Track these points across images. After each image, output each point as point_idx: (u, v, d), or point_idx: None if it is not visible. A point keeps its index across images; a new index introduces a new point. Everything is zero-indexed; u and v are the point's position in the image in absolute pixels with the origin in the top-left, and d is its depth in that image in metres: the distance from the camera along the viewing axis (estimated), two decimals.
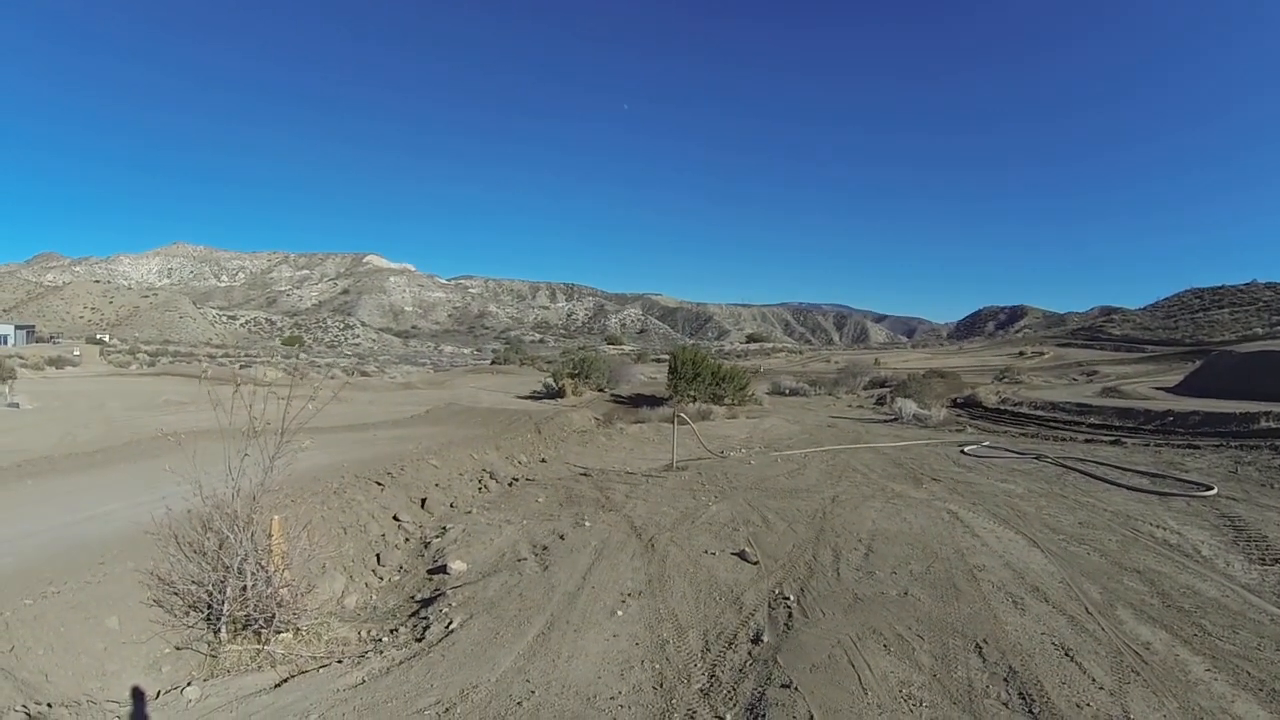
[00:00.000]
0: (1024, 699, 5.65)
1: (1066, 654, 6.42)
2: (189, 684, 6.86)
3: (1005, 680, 5.95)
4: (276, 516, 8.39)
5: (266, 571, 7.75)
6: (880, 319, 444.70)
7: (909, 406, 29.98)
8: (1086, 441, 21.05)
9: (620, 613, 7.77)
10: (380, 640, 8.04)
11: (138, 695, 6.73)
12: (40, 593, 7.67)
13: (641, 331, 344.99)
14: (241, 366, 73.22)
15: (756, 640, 6.90)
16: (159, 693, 6.83)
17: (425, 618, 8.33)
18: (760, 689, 5.92)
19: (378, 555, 11.10)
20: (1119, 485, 13.75)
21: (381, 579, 10.52)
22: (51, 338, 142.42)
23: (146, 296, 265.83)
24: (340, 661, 7.36)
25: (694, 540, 10.37)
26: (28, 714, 6.07)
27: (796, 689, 5.82)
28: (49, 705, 6.26)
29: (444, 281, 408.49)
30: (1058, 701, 5.61)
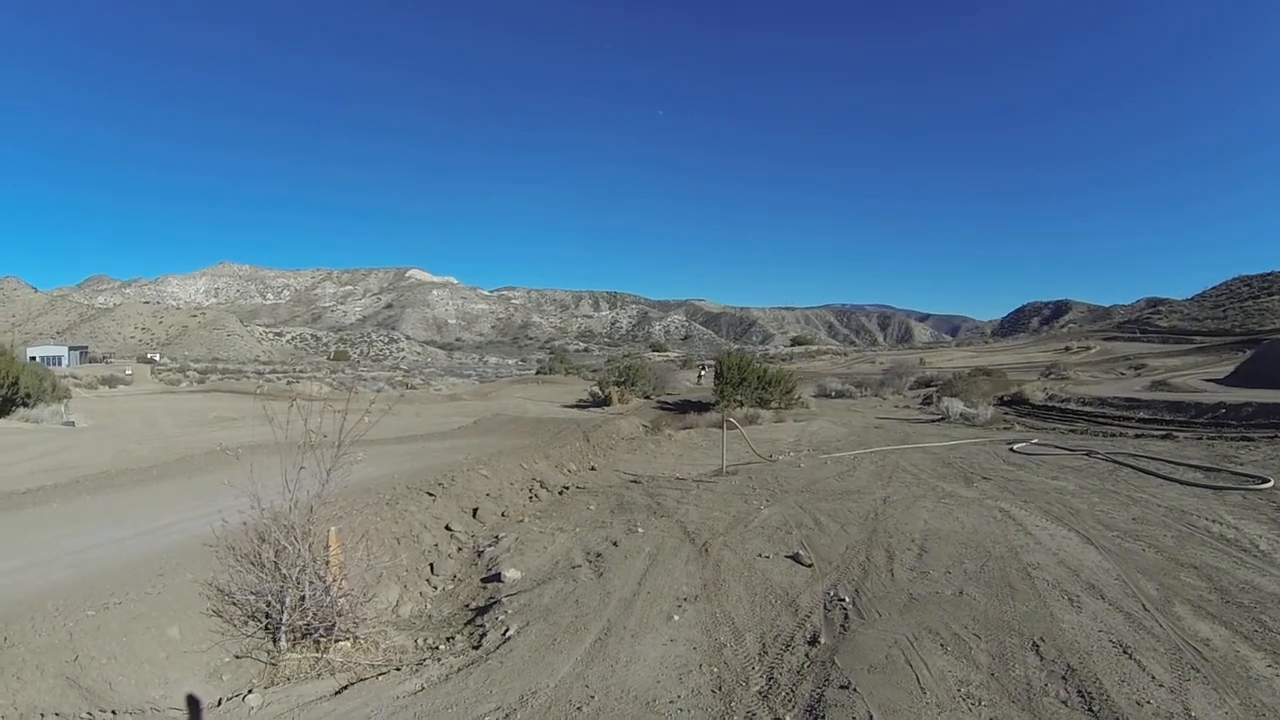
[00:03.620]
0: (1083, 697, 5.62)
1: (1124, 651, 6.37)
2: (250, 691, 6.99)
3: (1064, 678, 5.92)
4: (333, 527, 8.52)
5: (324, 581, 7.89)
6: (924, 318, 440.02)
7: (955, 405, 29.79)
8: (1137, 436, 20.87)
9: (677, 617, 7.81)
10: (437, 648, 8.12)
11: (199, 703, 6.87)
12: (102, 603, 7.85)
13: (686, 338, 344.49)
14: (289, 382, 74.09)
15: (813, 642, 6.91)
16: (220, 700, 6.97)
17: (482, 625, 8.41)
18: (819, 690, 5.93)
19: (431, 565, 11.21)
20: (1172, 480, 13.63)
21: (435, 588, 10.60)
22: (104, 358, 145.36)
23: (195, 316, 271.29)
24: (399, 669, 7.45)
25: (747, 544, 10.39)
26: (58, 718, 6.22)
27: (855, 689, 5.83)
28: (113, 713, 6.41)
29: (487, 293, 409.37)
30: (1117, 699, 5.58)
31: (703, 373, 41.21)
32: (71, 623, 7.37)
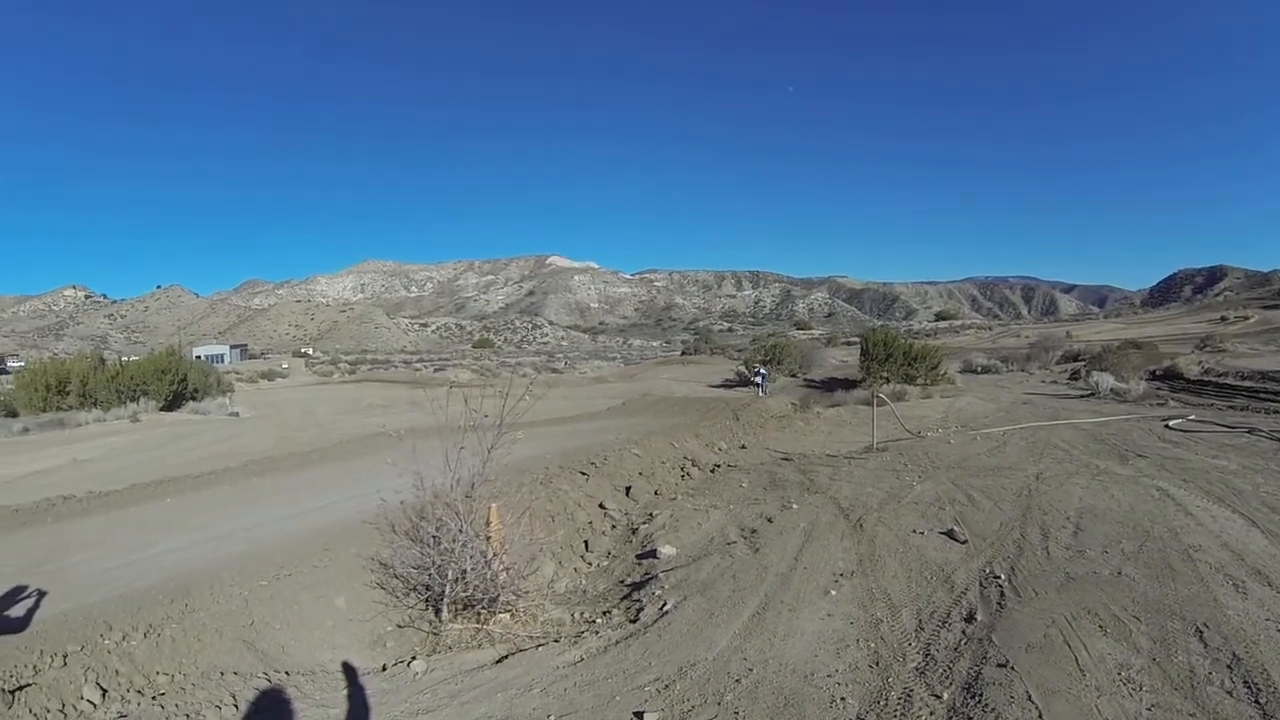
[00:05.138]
0: (1249, 688, 5.47)
1: None
2: (414, 658, 7.47)
3: (1229, 667, 5.76)
4: (494, 504, 8.92)
5: (485, 556, 8.27)
6: (1069, 289, 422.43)
7: (1105, 380, 28.77)
8: None
9: (833, 592, 7.93)
10: (594, 621, 8.41)
11: (363, 668, 7.39)
12: (274, 575, 8.59)
13: (829, 315, 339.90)
14: (436, 370, 76.29)
15: (969, 619, 6.94)
16: (384, 666, 7.50)
17: (638, 600, 8.68)
18: (976, 668, 5.98)
19: (585, 542, 11.56)
20: None
21: (590, 564, 10.95)
22: (262, 354, 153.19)
23: (344, 311, 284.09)
24: (557, 641, 7.77)
25: (901, 520, 10.43)
26: (268, 679, 6.85)
27: (1013, 668, 5.85)
28: (286, 673, 7.04)
29: (628, 276, 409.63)
30: None
31: (760, 373, 38.73)
32: (246, 591, 8.11)
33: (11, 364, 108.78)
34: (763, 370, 39.18)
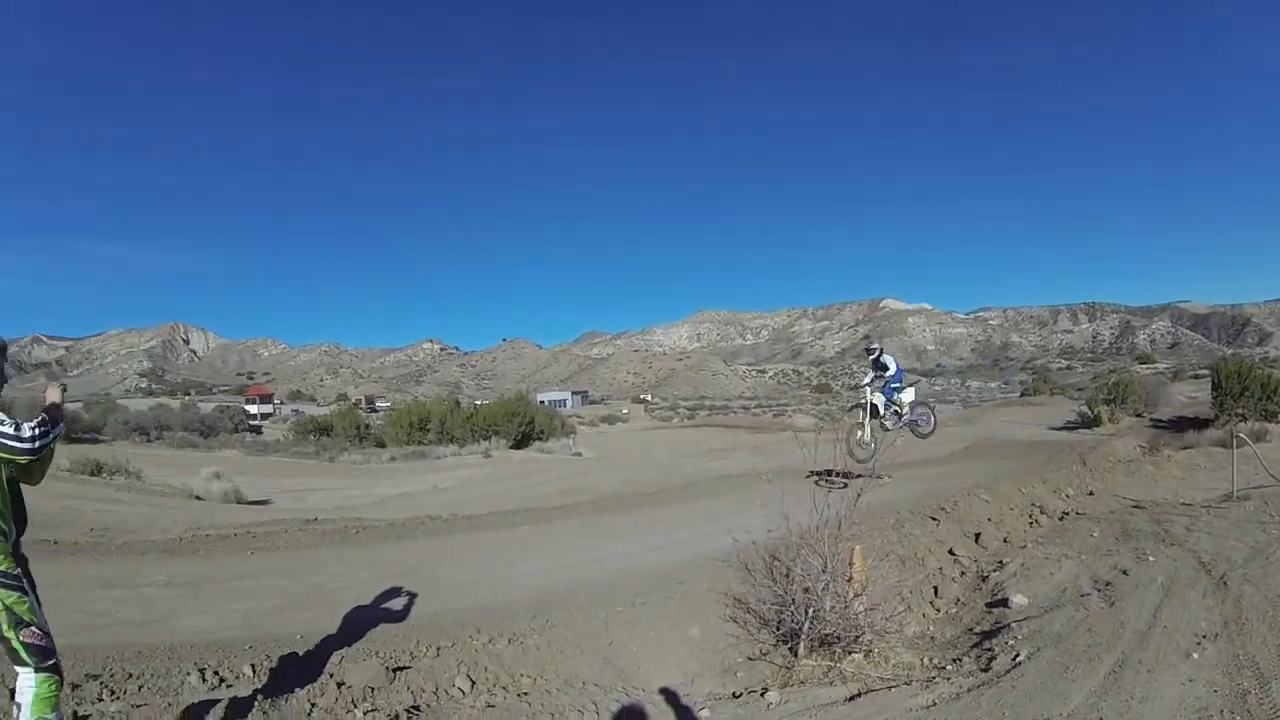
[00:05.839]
0: None
1: None
2: (766, 690, 7.69)
3: None
4: (858, 546, 9.02)
5: (846, 597, 8.35)
6: None
7: None
8: None
9: (1195, 655, 7.36)
10: (944, 668, 8.32)
11: (718, 694, 7.79)
12: (629, 602, 9.16)
13: (1173, 346, 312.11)
14: (774, 415, 77.33)
15: None
16: (735, 693, 7.78)
17: (990, 649, 8.48)
18: None
19: (935, 588, 11.39)
20: None
21: (939, 610, 10.80)
22: (602, 399, 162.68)
23: (680, 359, 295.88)
24: (908, 684, 7.74)
25: (1270, 579, 9.41)
26: (626, 693, 7.39)
27: None
28: (642, 690, 7.54)
29: (962, 316, 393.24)
30: None
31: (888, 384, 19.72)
32: (604, 614, 8.77)
33: (379, 404, 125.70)
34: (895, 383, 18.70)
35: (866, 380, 18.32)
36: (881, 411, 17.76)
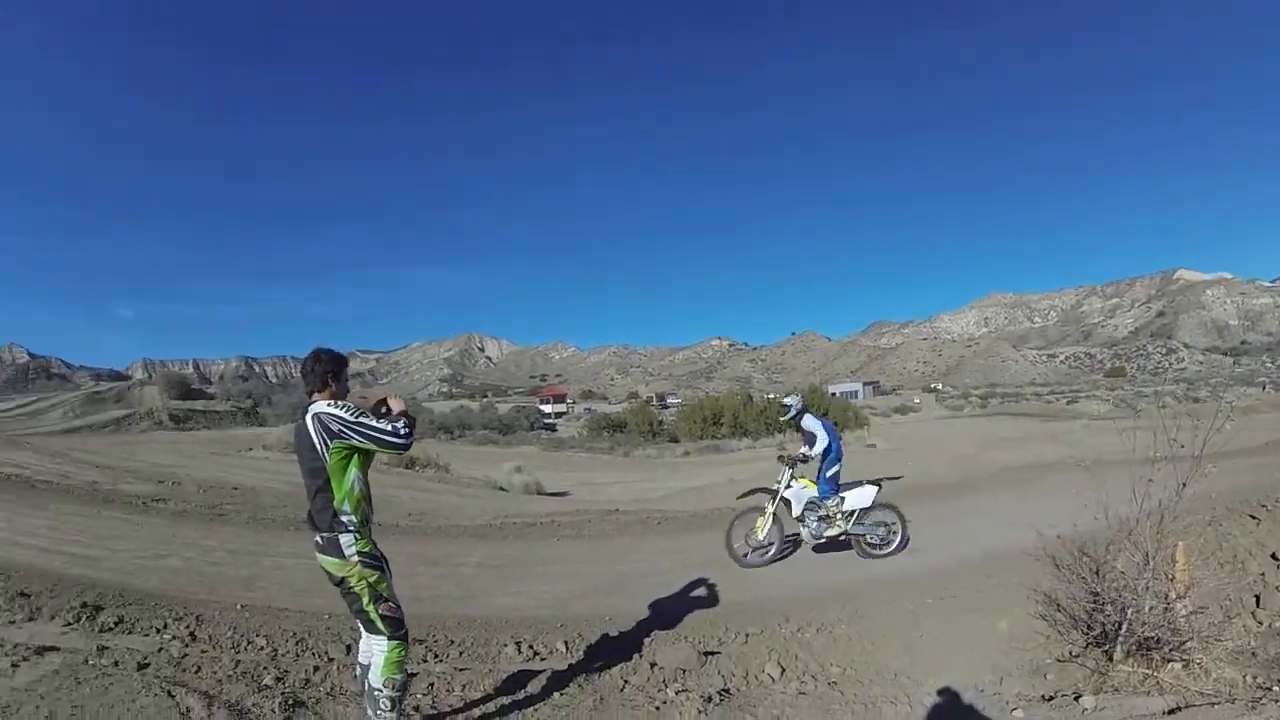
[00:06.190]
0: None
1: None
2: (1079, 694, 7.34)
3: None
4: (1181, 543, 8.48)
5: (1168, 598, 7.85)
6: None
7: None
8: None
9: None
10: (1270, 689, 7.65)
11: (1028, 695, 7.52)
12: (938, 595, 9.16)
13: None
14: (1068, 402, 73.89)
15: None
16: (1045, 696, 7.48)
17: None
18: None
19: (1256, 596, 10.47)
20: None
21: (1260, 622, 9.92)
22: (892, 389, 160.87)
23: (969, 346, 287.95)
24: (1231, 702, 7.15)
25: None
26: (936, 688, 7.35)
27: None
28: (951, 684, 7.46)
29: (1268, 284, 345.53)
30: None
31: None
32: (912, 606, 8.79)
33: (670, 401, 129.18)
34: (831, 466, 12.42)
35: (787, 470, 11.98)
36: (799, 513, 11.52)
